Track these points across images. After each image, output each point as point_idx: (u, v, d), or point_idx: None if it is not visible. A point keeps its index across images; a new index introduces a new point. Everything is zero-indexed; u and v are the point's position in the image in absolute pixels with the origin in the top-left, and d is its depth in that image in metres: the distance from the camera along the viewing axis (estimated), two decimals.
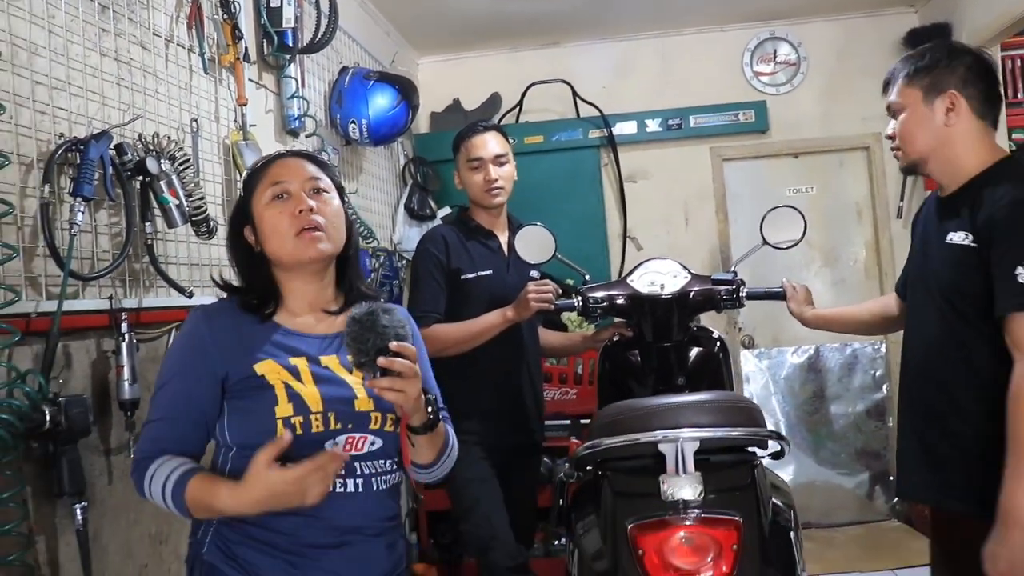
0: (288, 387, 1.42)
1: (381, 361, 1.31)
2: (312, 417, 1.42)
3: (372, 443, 1.46)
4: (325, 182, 1.55)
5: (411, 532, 4.03)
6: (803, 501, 4.60)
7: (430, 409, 1.45)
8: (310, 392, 1.43)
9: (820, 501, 4.70)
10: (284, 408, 1.41)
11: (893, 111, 1.97)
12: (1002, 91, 3.44)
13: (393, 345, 1.32)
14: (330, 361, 1.49)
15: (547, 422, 3.21)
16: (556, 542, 3.78)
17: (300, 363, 1.46)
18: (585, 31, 4.71)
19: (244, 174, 1.61)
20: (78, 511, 1.74)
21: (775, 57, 4.77)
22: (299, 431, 1.40)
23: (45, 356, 1.71)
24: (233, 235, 1.58)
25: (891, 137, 2.00)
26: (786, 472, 4.69)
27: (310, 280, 1.53)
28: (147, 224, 2.06)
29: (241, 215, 1.56)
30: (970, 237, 1.79)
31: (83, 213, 1.80)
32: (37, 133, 1.78)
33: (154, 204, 2.06)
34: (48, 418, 1.66)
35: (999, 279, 1.73)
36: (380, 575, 1.48)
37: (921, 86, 1.91)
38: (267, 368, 1.44)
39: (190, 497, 1.37)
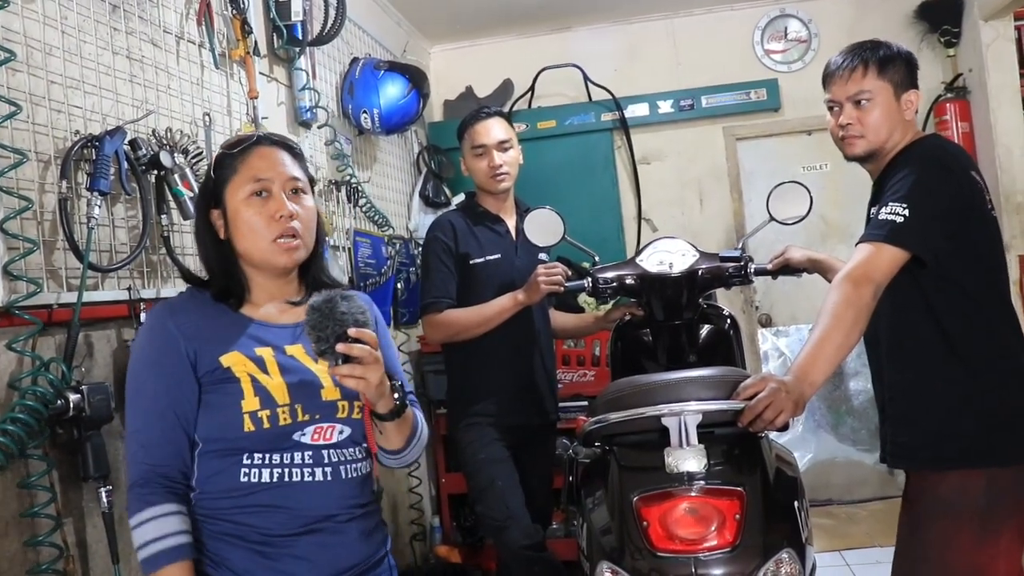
0: (254, 380, 1.43)
1: (339, 347, 1.32)
2: (279, 410, 1.42)
3: (341, 432, 1.47)
4: (303, 181, 1.53)
5: (433, 515, 4.09)
6: (824, 478, 4.67)
7: (396, 396, 1.44)
8: (276, 384, 1.44)
9: (841, 478, 4.72)
10: (251, 402, 1.42)
11: (857, 99, 1.98)
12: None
13: (351, 331, 1.32)
14: (295, 350, 1.49)
15: (565, 404, 3.25)
16: (575, 522, 3.81)
17: (266, 353, 1.46)
18: (595, 14, 4.72)
19: (216, 152, 1.56)
20: (103, 494, 1.81)
21: (786, 35, 4.74)
22: (267, 425, 1.41)
23: (67, 345, 1.78)
24: (202, 218, 1.54)
25: (844, 125, 2.00)
26: (807, 449, 4.72)
27: (276, 277, 1.53)
28: (163, 216, 2.12)
29: (211, 197, 1.53)
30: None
31: (100, 207, 1.87)
32: (54, 131, 1.84)
33: (169, 197, 2.12)
34: (71, 405, 1.73)
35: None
36: (354, 562, 1.48)
37: (891, 81, 1.98)
38: (233, 360, 1.44)
39: None
